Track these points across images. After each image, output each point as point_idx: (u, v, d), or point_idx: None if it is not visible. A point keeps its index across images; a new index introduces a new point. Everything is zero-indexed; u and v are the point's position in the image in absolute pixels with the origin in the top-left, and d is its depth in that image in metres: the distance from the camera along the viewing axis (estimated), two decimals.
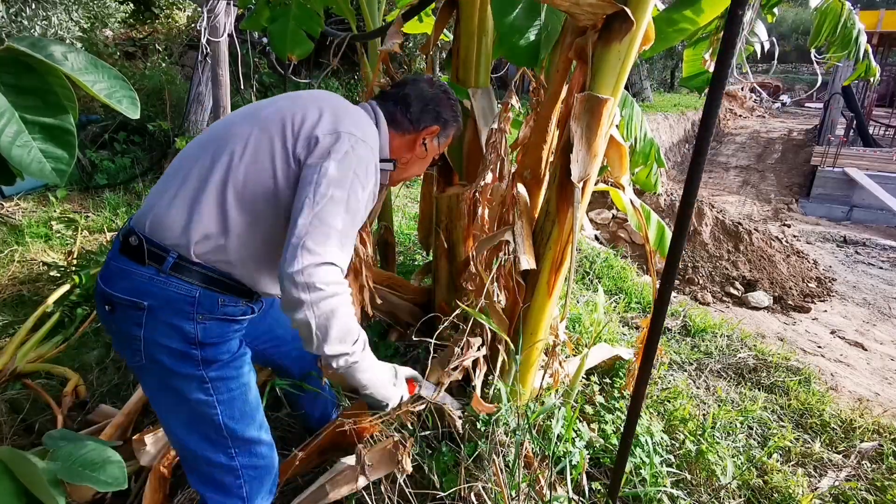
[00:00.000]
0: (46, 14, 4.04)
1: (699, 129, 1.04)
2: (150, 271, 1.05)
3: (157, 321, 1.06)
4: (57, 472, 1.03)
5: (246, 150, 1.09)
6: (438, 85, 1.36)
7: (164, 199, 1.09)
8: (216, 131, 1.17)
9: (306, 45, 2.65)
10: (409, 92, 1.31)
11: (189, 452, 1.19)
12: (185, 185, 1.08)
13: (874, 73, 2.61)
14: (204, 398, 1.13)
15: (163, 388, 1.14)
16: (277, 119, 1.11)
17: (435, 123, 1.33)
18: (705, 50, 2.27)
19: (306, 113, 1.12)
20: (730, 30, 0.95)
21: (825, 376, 2.99)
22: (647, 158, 2.36)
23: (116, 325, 1.10)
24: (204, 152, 1.12)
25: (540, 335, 1.74)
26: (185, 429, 1.17)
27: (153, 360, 1.09)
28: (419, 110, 1.30)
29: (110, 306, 1.08)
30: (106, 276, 1.10)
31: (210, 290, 1.09)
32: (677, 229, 1.10)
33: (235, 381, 1.18)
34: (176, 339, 1.08)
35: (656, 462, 1.71)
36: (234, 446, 1.19)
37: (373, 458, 1.57)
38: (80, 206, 4.62)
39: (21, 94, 0.86)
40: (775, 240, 5.98)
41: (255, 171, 1.08)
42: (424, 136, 1.33)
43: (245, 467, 1.21)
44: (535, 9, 1.62)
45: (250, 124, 1.12)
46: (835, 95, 12.38)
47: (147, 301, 1.05)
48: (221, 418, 1.16)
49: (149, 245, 1.06)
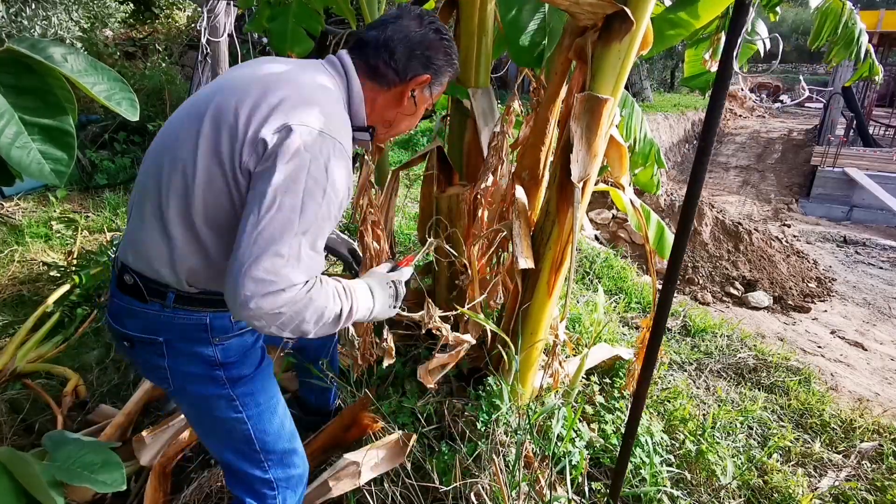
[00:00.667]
0: (46, 14, 4.04)
1: (702, 129, 1.04)
2: (156, 307, 1.02)
3: (177, 351, 1.05)
4: (56, 473, 1.03)
5: (197, 172, 0.94)
6: (428, 22, 1.09)
7: (140, 233, 1.01)
8: (165, 141, 1.02)
9: (306, 44, 2.65)
10: (392, 35, 1.06)
11: (226, 464, 1.21)
12: (153, 218, 0.98)
13: (877, 73, 2.60)
14: (234, 415, 1.12)
15: (195, 409, 1.15)
16: (221, 121, 0.93)
17: (425, 72, 1.09)
18: (705, 50, 2.27)
19: (251, 107, 0.93)
20: (732, 31, 0.95)
21: (825, 376, 2.99)
22: (647, 159, 2.36)
23: (141, 358, 1.09)
24: (156, 175, 0.99)
25: (540, 335, 1.74)
26: (220, 445, 1.18)
27: (182, 386, 1.09)
28: (405, 57, 1.06)
29: (129, 343, 1.07)
30: (114, 313, 1.07)
31: (219, 312, 1.05)
32: (680, 229, 1.10)
33: (263, 395, 1.17)
34: (198, 364, 1.07)
35: (656, 462, 1.71)
36: (266, 459, 1.19)
37: (376, 455, 1.58)
38: (80, 206, 4.62)
39: (21, 96, 0.86)
40: (775, 240, 5.98)
41: (213, 195, 0.94)
42: (413, 87, 1.10)
43: (279, 479, 1.22)
44: (538, 9, 1.62)
45: (195, 132, 0.95)
46: (835, 95, 12.38)
47: (162, 336, 1.03)
48: (253, 432, 1.15)
49: (144, 283, 1.01)
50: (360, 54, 1.09)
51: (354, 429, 1.75)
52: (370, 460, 1.57)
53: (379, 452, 1.60)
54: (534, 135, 1.72)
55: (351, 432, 1.78)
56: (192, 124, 0.97)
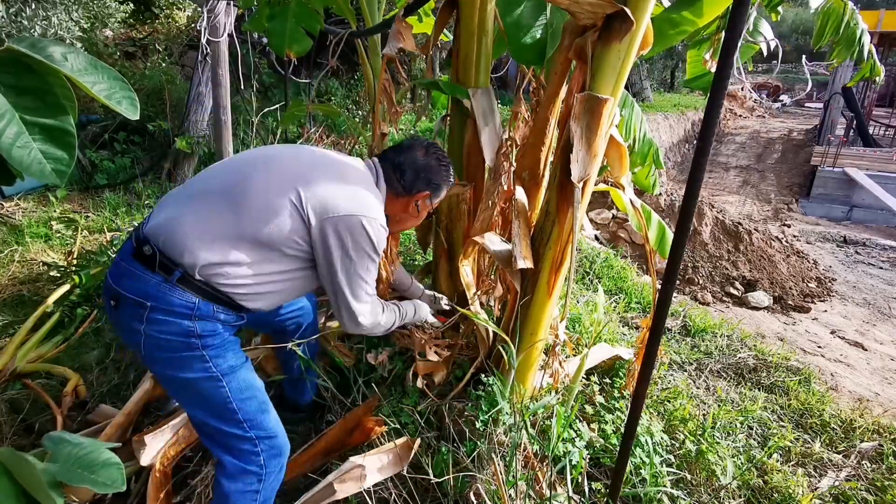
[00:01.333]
0: (46, 14, 4.04)
1: (701, 128, 1.04)
2: (158, 279, 1.18)
3: (156, 320, 1.18)
4: (56, 474, 1.03)
5: (268, 214, 1.21)
6: (433, 152, 1.49)
7: (181, 224, 1.20)
8: (238, 176, 1.26)
9: (305, 43, 2.65)
10: (403, 160, 1.45)
11: (206, 426, 1.30)
12: (204, 221, 1.20)
13: (879, 73, 2.59)
14: (208, 375, 1.24)
15: (171, 372, 1.24)
16: (298, 188, 1.23)
17: (426, 189, 1.48)
18: (706, 50, 2.27)
19: (325, 187, 1.25)
20: (731, 31, 0.95)
21: (825, 376, 2.99)
22: (646, 159, 2.35)
23: (119, 319, 1.22)
24: (227, 197, 1.22)
25: (540, 335, 1.74)
26: (199, 408, 1.29)
27: (156, 350, 1.21)
28: (412, 178, 1.45)
29: (115, 301, 1.21)
30: (116, 273, 1.22)
31: (208, 301, 1.22)
32: (679, 229, 1.10)
33: (234, 357, 1.30)
34: (175, 333, 1.20)
35: (656, 462, 1.71)
36: (244, 419, 1.30)
37: (380, 459, 1.59)
38: (80, 206, 4.62)
39: (21, 95, 0.86)
40: (775, 240, 5.98)
41: (277, 232, 1.22)
42: (417, 199, 1.49)
43: (260, 438, 1.33)
44: (541, 7, 1.62)
45: (269, 185, 1.23)
46: (835, 95, 12.37)
47: (151, 302, 1.17)
48: (228, 391, 1.27)
49: (161, 257, 1.18)
50: (383, 165, 1.46)
51: (358, 432, 1.75)
52: (375, 464, 1.58)
53: (384, 457, 1.61)
54: (534, 135, 1.72)
55: (354, 436, 1.78)
56: (270, 177, 1.25)
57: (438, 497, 1.61)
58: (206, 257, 1.18)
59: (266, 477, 1.36)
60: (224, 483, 1.31)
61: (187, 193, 1.28)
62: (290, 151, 1.35)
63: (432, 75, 2.28)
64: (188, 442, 1.81)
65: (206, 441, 1.35)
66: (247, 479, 1.33)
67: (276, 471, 1.39)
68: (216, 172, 1.33)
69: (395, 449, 1.63)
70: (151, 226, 1.23)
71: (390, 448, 1.63)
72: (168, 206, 1.27)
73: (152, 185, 5.13)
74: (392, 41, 1.91)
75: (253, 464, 1.33)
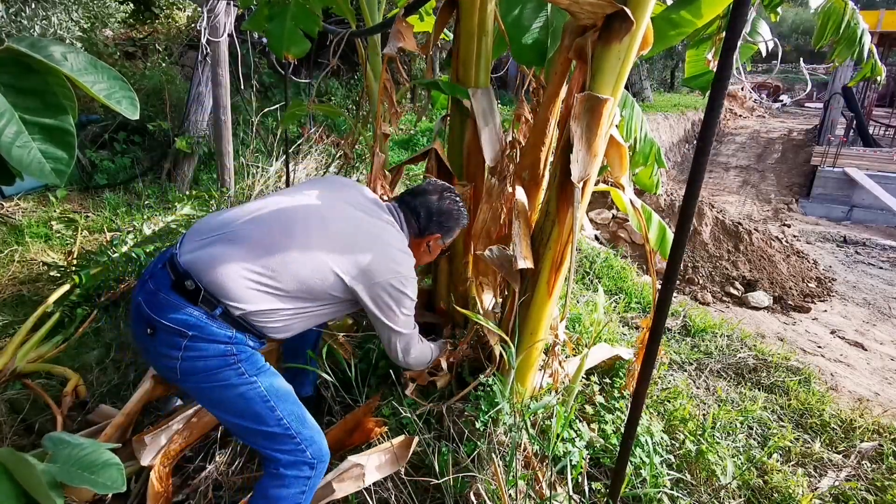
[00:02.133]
0: (46, 14, 4.04)
1: (701, 129, 1.03)
2: (201, 311, 1.24)
3: (196, 346, 1.24)
4: (55, 475, 1.03)
5: (311, 279, 1.31)
6: (447, 196, 1.61)
7: (227, 269, 1.25)
8: (283, 232, 1.32)
9: (303, 45, 2.64)
10: (419, 204, 1.58)
11: (250, 433, 1.34)
12: (250, 272, 1.26)
13: (880, 73, 2.59)
14: (243, 380, 1.29)
15: (206, 385, 1.29)
16: (349, 252, 1.35)
17: (438, 232, 1.60)
18: (707, 50, 2.26)
19: (372, 254, 1.38)
20: (731, 31, 0.95)
21: (825, 376, 2.99)
22: (648, 159, 2.35)
23: (155, 346, 1.26)
24: (271, 253, 1.29)
25: (540, 335, 1.74)
26: (239, 415, 1.32)
27: (192, 371, 1.26)
28: (426, 221, 1.57)
29: (152, 329, 1.24)
30: (155, 304, 1.24)
31: (243, 332, 1.31)
32: (679, 229, 1.10)
33: (261, 363, 1.37)
34: (213, 354, 1.26)
35: (656, 462, 1.71)
36: (283, 416, 1.34)
37: (379, 458, 1.59)
38: (80, 205, 4.62)
39: (20, 95, 0.86)
40: (775, 240, 5.98)
41: (319, 290, 1.33)
42: (429, 241, 1.61)
43: (302, 436, 1.36)
44: (541, 7, 1.61)
45: (312, 251, 1.32)
46: (835, 95, 12.37)
47: (192, 332, 1.23)
48: (264, 390, 1.32)
49: (205, 293, 1.24)
50: (402, 209, 1.58)
51: (358, 433, 1.76)
52: (374, 463, 1.58)
53: (382, 455, 1.61)
54: (534, 135, 1.72)
55: (354, 436, 1.78)
56: (318, 232, 1.35)
57: (438, 497, 1.61)
58: (250, 307, 1.27)
59: (316, 476, 1.40)
60: (275, 478, 1.35)
61: (229, 234, 1.32)
62: (332, 212, 1.41)
63: (432, 75, 2.28)
64: (188, 442, 1.81)
65: (254, 445, 1.38)
66: (299, 471, 1.37)
67: (321, 472, 1.42)
68: (261, 219, 1.36)
69: (393, 448, 1.63)
70: (190, 259, 1.27)
71: (388, 447, 1.63)
72: (207, 241, 1.31)
73: (152, 185, 5.13)
74: (392, 41, 1.91)
75: (302, 457, 1.37)
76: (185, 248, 1.30)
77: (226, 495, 1.71)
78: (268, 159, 5.31)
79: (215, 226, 1.35)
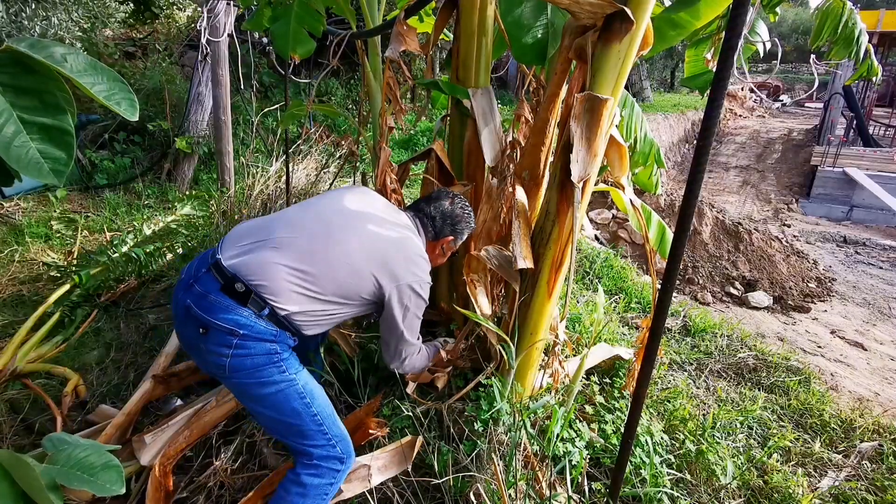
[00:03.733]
0: (46, 14, 4.04)
1: (701, 129, 1.03)
2: (250, 311, 1.34)
3: (246, 344, 1.34)
4: (55, 476, 1.02)
5: (349, 282, 1.43)
6: (457, 202, 1.71)
7: (274, 273, 1.36)
8: (324, 238, 1.44)
9: (309, 45, 2.64)
10: (433, 209, 1.68)
11: (285, 428, 1.43)
12: (295, 277, 1.37)
13: (876, 73, 2.60)
14: (284, 377, 1.39)
15: (251, 381, 1.37)
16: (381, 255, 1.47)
17: (452, 235, 1.69)
18: (707, 50, 2.27)
19: (399, 258, 1.49)
20: (730, 31, 0.95)
21: (825, 376, 2.99)
22: (647, 159, 2.35)
23: (206, 345, 1.35)
24: (314, 258, 1.40)
25: (540, 335, 1.74)
26: (276, 411, 1.41)
27: (240, 368, 1.35)
28: (441, 225, 1.67)
29: (205, 330, 1.33)
30: (205, 307, 1.34)
31: (284, 330, 1.41)
32: (679, 229, 1.10)
33: (298, 363, 1.46)
34: (261, 352, 1.36)
35: (656, 462, 1.71)
36: (318, 412, 1.43)
37: (385, 459, 1.59)
38: (80, 205, 4.62)
39: (20, 95, 0.86)
40: (775, 240, 5.98)
41: (354, 293, 1.44)
42: (443, 243, 1.70)
43: (332, 432, 1.46)
44: (541, 7, 1.61)
45: (351, 256, 1.43)
46: (835, 95, 12.37)
47: (244, 331, 1.32)
48: (301, 388, 1.41)
49: (255, 295, 1.34)
50: (418, 216, 1.67)
51: (360, 433, 1.76)
52: (380, 464, 1.58)
53: (388, 456, 1.62)
54: (534, 135, 1.72)
55: (356, 437, 1.78)
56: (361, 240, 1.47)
57: (438, 497, 1.61)
58: (294, 308, 1.38)
59: (344, 471, 1.48)
60: (309, 467, 1.44)
61: (272, 241, 1.42)
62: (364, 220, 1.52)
63: (432, 75, 2.28)
64: (188, 442, 1.80)
65: (288, 440, 1.47)
66: (331, 464, 1.45)
67: (348, 468, 1.51)
68: (304, 227, 1.47)
69: (401, 448, 1.64)
70: (238, 264, 1.37)
71: (395, 447, 1.64)
72: (251, 247, 1.41)
73: (152, 185, 5.13)
74: (394, 43, 1.91)
75: (333, 452, 1.46)
76: (227, 254, 1.40)
77: (227, 494, 1.71)
78: (268, 159, 5.31)
79: (256, 232, 1.45)
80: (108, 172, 5.10)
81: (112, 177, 5.11)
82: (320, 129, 6.68)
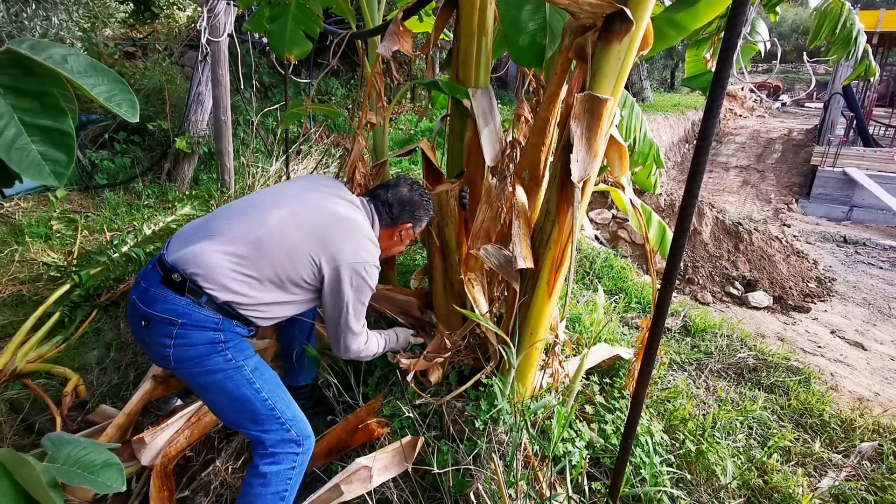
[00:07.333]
0: (46, 14, 4.04)
1: (700, 129, 1.04)
2: (188, 301, 1.35)
3: (186, 333, 1.36)
4: (55, 474, 1.02)
5: (286, 264, 1.42)
6: (415, 189, 1.72)
7: (209, 260, 1.37)
8: (260, 224, 1.43)
9: (305, 46, 2.64)
10: (390, 195, 1.68)
11: (237, 416, 1.45)
12: (230, 262, 1.38)
13: (874, 73, 2.60)
14: (230, 365, 1.40)
15: (197, 370, 1.39)
16: (318, 233, 1.45)
17: (410, 221, 1.70)
18: (706, 50, 2.27)
19: (339, 237, 1.47)
20: (730, 31, 0.95)
21: (825, 376, 2.99)
22: (647, 159, 2.35)
23: (150, 338, 1.37)
24: (249, 243, 1.40)
25: (540, 335, 1.74)
26: (226, 398, 1.42)
27: (184, 358, 1.37)
28: (399, 211, 1.67)
29: (147, 322, 1.36)
30: (146, 300, 1.37)
31: (228, 319, 1.41)
32: (678, 229, 1.10)
33: (249, 350, 1.48)
34: (202, 341, 1.37)
35: (656, 462, 1.71)
36: (269, 397, 1.44)
37: (386, 459, 1.59)
38: (80, 205, 4.62)
39: (20, 97, 0.86)
40: (775, 240, 5.98)
41: (294, 275, 1.43)
42: (401, 230, 1.71)
43: (286, 415, 1.46)
44: (541, 7, 1.61)
45: (287, 238, 1.42)
46: (835, 95, 12.37)
47: (182, 320, 1.34)
48: (249, 373, 1.43)
49: (191, 283, 1.35)
50: (372, 202, 1.68)
51: (360, 433, 1.76)
52: (381, 464, 1.58)
53: (389, 456, 1.62)
54: (534, 135, 1.72)
55: (356, 437, 1.78)
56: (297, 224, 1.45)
57: (438, 496, 1.61)
58: (231, 293, 1.38)
59: (303, 453, 1.49)
60: (265, 456, 1.44)
61: (210, 231, 1.43)
62: (306, 204, 1.51)
63: (432, 75, 2.28)
64: (189, 441, 1.81)
65: (242, 428, 1.48)
66: (287, 448, 1.46)
67: (308, 449, 1.51)
68: (239, 213, 1.48)
69: (401, 448, 1.64)
70: (177, 257, 1.38)
71: (396, 447, 1.64)
72: (191, 239, 1.42)
73: (152, 185, 5.13)
74: (387, 41, 1.91)
75: (288, 436, 1.46)
76: (171, 249, 1.42)
77: (227, 493, 1.71)
78: (268, 159, 5.31)
79: (199, 226, 1.47)
80: (108, 172, 5.10)
81: (112, 177, 5.11)
82: (320, 128, 6.68)
